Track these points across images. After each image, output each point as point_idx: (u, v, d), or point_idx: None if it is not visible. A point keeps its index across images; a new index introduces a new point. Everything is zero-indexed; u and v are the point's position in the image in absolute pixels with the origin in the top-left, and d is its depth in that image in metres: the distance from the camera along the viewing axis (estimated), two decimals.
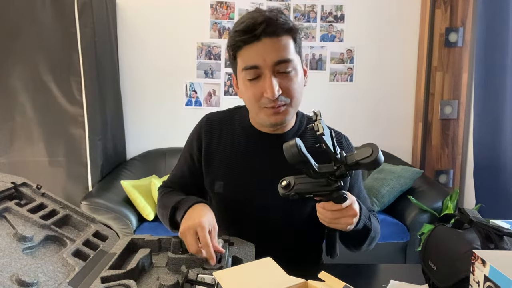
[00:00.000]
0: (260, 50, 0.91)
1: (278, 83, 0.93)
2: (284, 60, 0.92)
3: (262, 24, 0.90)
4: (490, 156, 2.57)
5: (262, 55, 0.91)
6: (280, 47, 0.92)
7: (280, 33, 0.92)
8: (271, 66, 0.92)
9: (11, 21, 2.41)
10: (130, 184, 2.48)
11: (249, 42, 0.92)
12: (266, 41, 0.91)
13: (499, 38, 2.47)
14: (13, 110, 2.48)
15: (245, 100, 1.00)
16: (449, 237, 0.90)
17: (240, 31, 0.92)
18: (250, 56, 0.93)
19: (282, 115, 0.97)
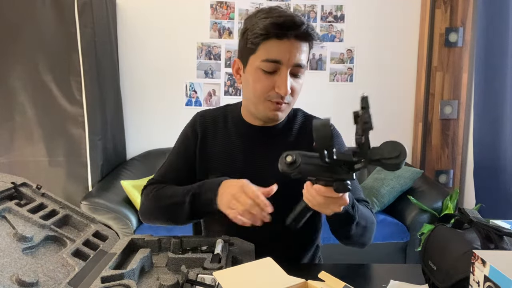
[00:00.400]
0: (288, 48, 0.95)
1: (290, 84, 0.98)
2: (301, 65, 0.98)
3: (300, 27, 0.94)
4: (490, 156, 2.57)
5: (288, 53, 0.95)
6: (303, 51, 0.97)
7: (307, 40, 0.97)
8: (291, 66, 0.96)
9: (11, 21, 2.41)
10: (130, 184, 2.48)
11: (281, 38, 0.94)
12: (294, 43, 0.95)
13: (499, 38, 2.47)
14: (13, 110, 2.48)
15: (248, 89, 1.02)
16: (449, 237, 0.90)
17: (276, 24, 0.94)
18: (276, 50, 0.95)
19: (280, 112, 1.02)
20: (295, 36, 0.95)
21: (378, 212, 2.57)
